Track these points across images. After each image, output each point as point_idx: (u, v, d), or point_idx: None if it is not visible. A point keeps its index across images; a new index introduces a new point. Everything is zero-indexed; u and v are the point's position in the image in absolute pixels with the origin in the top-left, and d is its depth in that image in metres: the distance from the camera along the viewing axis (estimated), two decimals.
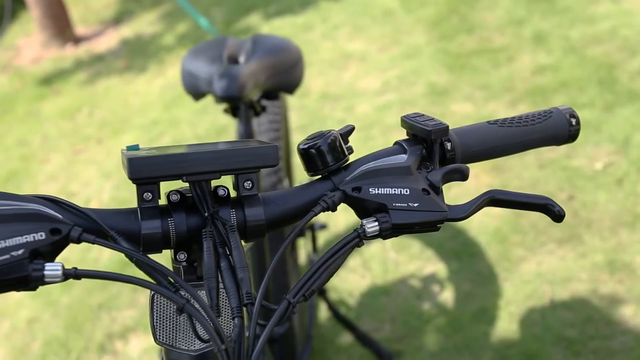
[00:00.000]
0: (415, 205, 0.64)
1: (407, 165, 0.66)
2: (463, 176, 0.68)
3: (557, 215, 0.68)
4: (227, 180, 0.63)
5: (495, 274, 2.04)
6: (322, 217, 2.18)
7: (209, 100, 1.48)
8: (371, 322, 1.97)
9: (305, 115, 3.14)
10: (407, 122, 0.71)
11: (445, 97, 3.02)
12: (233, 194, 0.66)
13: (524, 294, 1.94)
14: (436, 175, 0.66)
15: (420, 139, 0.70)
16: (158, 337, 0.66)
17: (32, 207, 0.57)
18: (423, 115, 0.72)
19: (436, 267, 2.12)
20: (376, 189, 0.64)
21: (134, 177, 0.58)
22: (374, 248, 2.22)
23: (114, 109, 3.84)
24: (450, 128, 0.70)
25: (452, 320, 1.92)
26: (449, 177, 0.68)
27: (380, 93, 3.21)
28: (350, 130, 0.70)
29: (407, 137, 0.72)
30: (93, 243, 0.57)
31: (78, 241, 0.57)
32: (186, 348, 0.67)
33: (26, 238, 0.55)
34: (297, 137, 2.75)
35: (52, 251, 0.57)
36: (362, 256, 2.20)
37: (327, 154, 0.66)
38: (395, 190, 0.64)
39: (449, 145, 0.71)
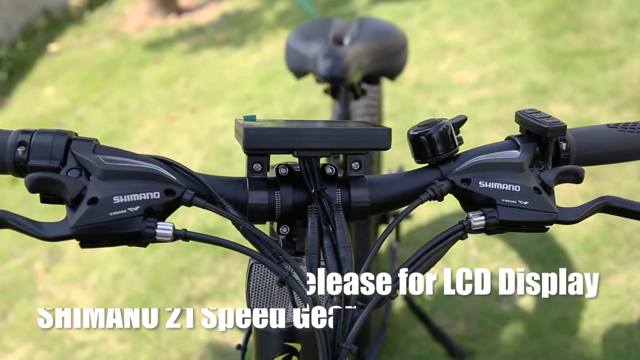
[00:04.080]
0: (525, 203, 0.62)
1: (520, 162, 0.64)
2: (577, 178, 0.65)
3: None
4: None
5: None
6: None
7: (302, 79, 1.48)
8: (445, 317, 1.95)
9: (396, 103, 3.12)
10: (522, 117, 0.69)
11: (545, 96, 2.91)
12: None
13: (610, 308, 1.86)
14: (549, 174, 0.64)
15: (534, 136, 0.68)
16: (252, 305, 0.67)
17: (150, 167, 0.59)
18: (539, 112, 0.69)
19: (518, 269, 2.06)
20: (486, 183, 0.62)
21: (248, 147, 0.59)
22: (456, 244, 2.19)
23: (209, 81, 3.93)
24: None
25: (531, 325, 1.87)
26: (562, 178, 0.65)
27: (476, 87, 3.13)
28: (462, 120, 0.69)
29: (519, 133, 0.70)
30: (203, 207, 0.58)
31: (189, 204, 0.59)
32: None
33: (142, 196, 0.56)
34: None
35: (164, 211, 0.58)
36: None
37: (437, 142, 0.65)
38: (505, 186, 0.62)
39: (564, 146, 0.68)
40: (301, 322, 0.68)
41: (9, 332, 2.23)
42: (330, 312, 0.55)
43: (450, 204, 2.45)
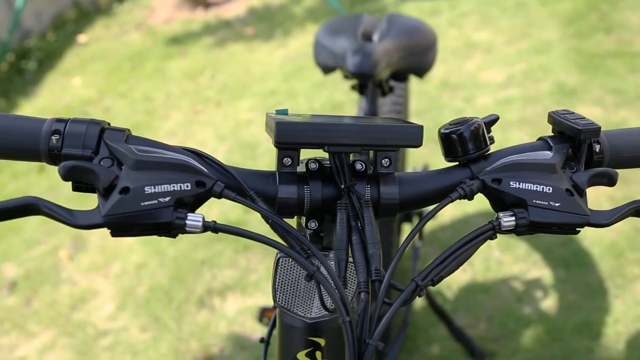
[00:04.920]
0: (557, 205, 0.61)
1: (552, 163, 0.63)
2: (611, 181, 0.64)
3: None
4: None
5: (605, 289, 1.94)
6: None
7: (329, 75, 1.48)
8: (467, 317, 1.94)
9: (422, 101, 3.10)
10: (555, 118, 0.68)
11: (573, 98, 2.88)
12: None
13: (635, 314, 1.84)
14: (582, 176, 0.63)
15: (567, 137, 0.67)
16: (278, 299, 0.68)
17: (181, 158, 0.59)
18: (573, 112, 0.68)
19: (542, 272, 2.04)
20: (517, 183, 0.62)
21: (280, 141, 0.59)
22: None
23: (235, 75, 3.95)
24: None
25: (553, 329, 1.85)
26: (595, 181, 0.64)
27: (503, 87, 3.10)
28: (494, 120, 0.68)
29: (552, 134, 0.69)
30: (233, 200, 0.58)
31: (219, 196, 0.59)
32: (302, 314, 0.68)
33: (174, 187, 0.57)
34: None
35: (194, 202, 0.58)
36: None
37: (468, 141, 0.65)
38: (537, 187, 0.61)
39: (597, 148, 0.67)
40: (327, 317, 0.68)
41: (33, 317, 2.26)
42: (357, 308, 0.55)
43: (474, 204, 2.40)
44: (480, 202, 0.66)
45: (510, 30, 3.67)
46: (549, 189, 0.61)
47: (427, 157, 2.51)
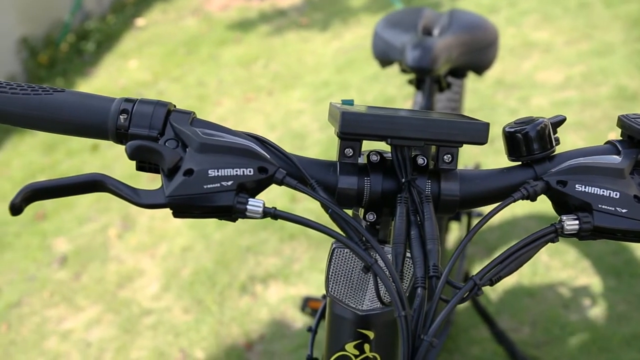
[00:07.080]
0: (624, 211, 0.59)
1: (621, 168, 0.62)
2: None
3: None
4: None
5: None
6: None
7: (380, 69, 1.47)
8: (510, 321, 1.91)
9: (475, 99, 3.05)
10: (625, 122, 0.66)
11: (634, 103, 2.79)
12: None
13: None
14: None
15: (638, 142, 0.65)
16: (330, 289, 0.68)
17: (245, 143, 0.60)
18: None
19: (591, 280, 1.99)
20: (583, 187, 0.60)
21: (344, 131, 0.58)
22: None
23: (288, 64, 3.96)
24: None
25: (599, 338, 1.80)
26: None
27: (561, 88, 3.03)
28: (561, 120, 0.67)
29: (621, 138, 0.67)
30: (294, 188, 0.59)
31: (281, 183, 0.59)
32: (354, 306, 0.68)
33: (236, 171, 0.57)
34: None
35: (255, 188, 0.59)
36: None
37: (534, 141, 0.63)
38: (603, 192, 0.60)
39: None
40: (378, 310, 0.67)
41: (82, 292, 2.32)
42: (413, 303, 0.55)
43: (522, 207, 2.33)
44: (525, 205, 0.65)
45: (571, 30, 3.58)
46: (616, 194, 0.60)
47: (478, 156, 2.48)
